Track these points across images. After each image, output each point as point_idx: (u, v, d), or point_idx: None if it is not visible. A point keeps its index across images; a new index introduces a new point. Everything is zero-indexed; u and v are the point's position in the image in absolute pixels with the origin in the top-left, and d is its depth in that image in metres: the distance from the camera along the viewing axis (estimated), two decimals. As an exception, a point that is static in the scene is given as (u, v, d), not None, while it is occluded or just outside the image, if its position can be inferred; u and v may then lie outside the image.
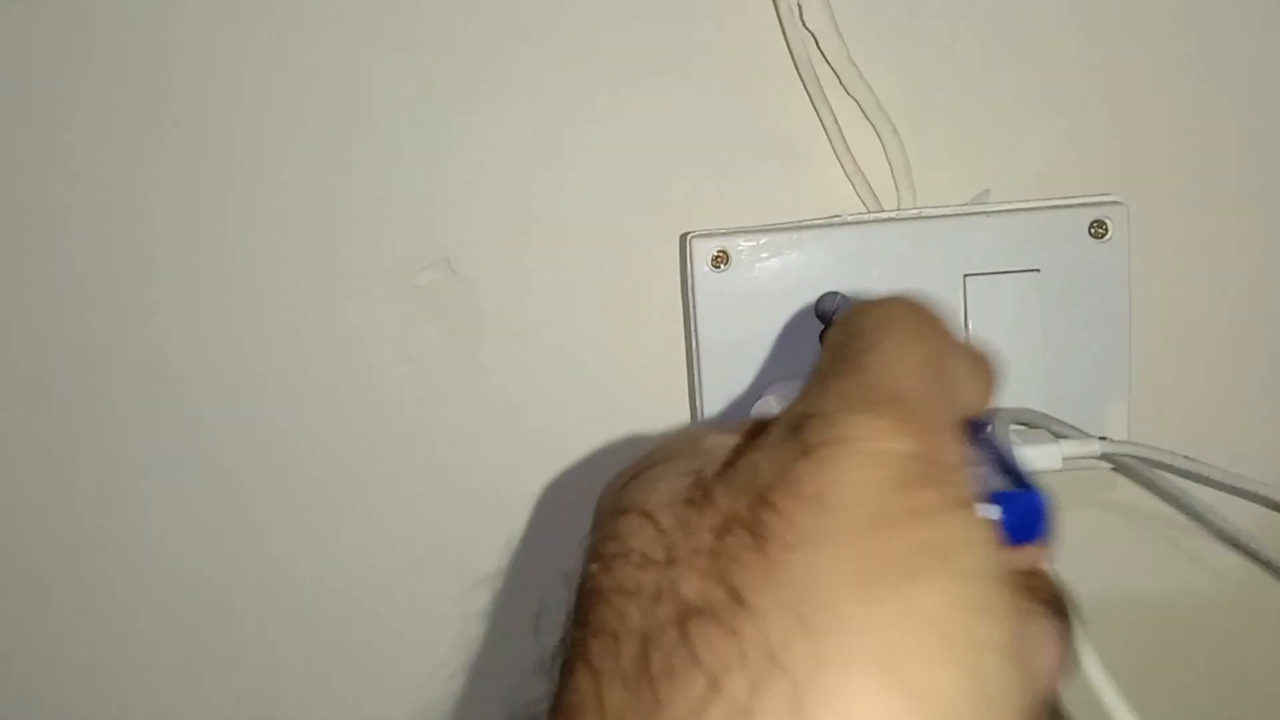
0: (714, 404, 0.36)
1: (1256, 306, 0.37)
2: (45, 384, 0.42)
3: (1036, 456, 0.29)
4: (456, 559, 0.42)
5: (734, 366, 0.36)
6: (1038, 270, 0.34)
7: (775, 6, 0.36)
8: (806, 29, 0.36)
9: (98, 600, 0.44)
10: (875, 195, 0.37)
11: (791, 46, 0.36)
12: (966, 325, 0.35)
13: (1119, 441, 0.30)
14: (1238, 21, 0.35)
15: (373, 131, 0.39)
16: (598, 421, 0.40)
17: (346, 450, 0.42)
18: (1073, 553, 0.35)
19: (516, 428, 0.41)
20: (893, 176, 0.37)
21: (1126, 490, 0.37)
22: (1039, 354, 0.34)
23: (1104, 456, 0.30)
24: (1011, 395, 0.34)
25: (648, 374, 0.39)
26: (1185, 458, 0.31)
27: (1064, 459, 0.29)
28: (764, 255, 0.35)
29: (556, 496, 0.41)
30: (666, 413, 0.39)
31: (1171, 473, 0.31)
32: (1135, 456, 0.30)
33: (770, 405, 0.32)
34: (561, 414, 0.40)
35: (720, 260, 0.36)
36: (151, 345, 0.41)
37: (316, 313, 0.41)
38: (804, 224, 0.36)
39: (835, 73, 0.36)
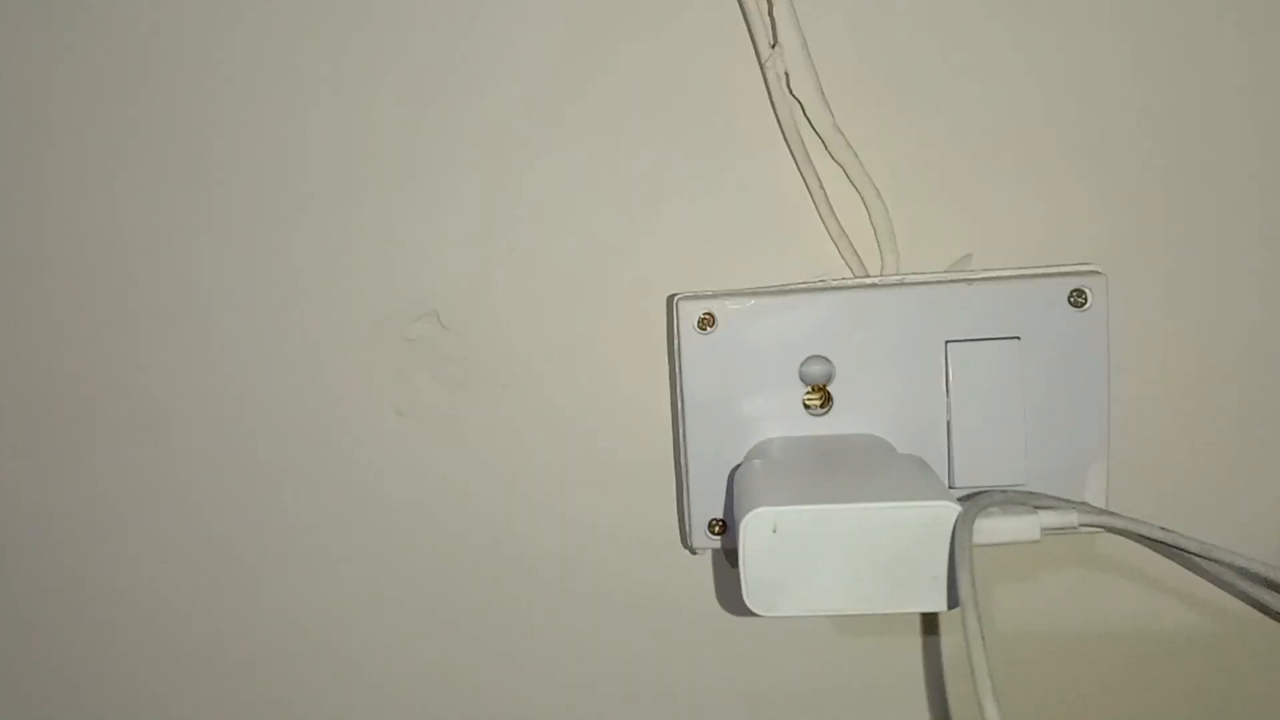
0: (699, 464, 0.37)
1: (1233, 374, 0.37)
2: (32, 432, 0.42)
3: (1015, 528, 0.29)
4: (446, 610, 0.42)
5: (719, 427, 0.36)
6: (1018, 338, 0.35)
7: (763, 74, 0.37)
8: (793, 96, 0.37)
9: (85, 647, 0.44)
10: (860, 259, 0.38)
11: (778, 113, 0.37)
12: (948, 392, 0.35)
13: (1095, 511, 0.31)
14: (1219, 91, 0.36)
15: (364, 185, 0.40)
16: (585, 476, 0.41)
17: (339, 502, 0.42)
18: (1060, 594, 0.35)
19: (505, 480, 0.41)
20: (877, 240, 0.38)
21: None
22: (1020, 419, 0.35)
23: (1082, 526, 0.31)
24: (993, 461, 0.35)
25: (635, 431, 0.40)
26: (1161, 528, 0.31)
27: (1042, 529, 0.30)
28: (750, 318, 0.36)
29: (544, 550, 0.41)
30: (653, 470, 0.40)
31: (1145, 543, 0.31)
32: (1111, 527, 0.31)
33: (754, 470, 0.32)
34: (550, 468, 0.41)
35: (707, 322, 0.36)
36: (143, 395, 0.42)
37: (307, 365, 0.41)
38: (789, 288, 0.36)
39: (821, 139, 0.37)
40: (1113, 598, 0.39)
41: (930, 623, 0.40)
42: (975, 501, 0.30)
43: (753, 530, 0.28)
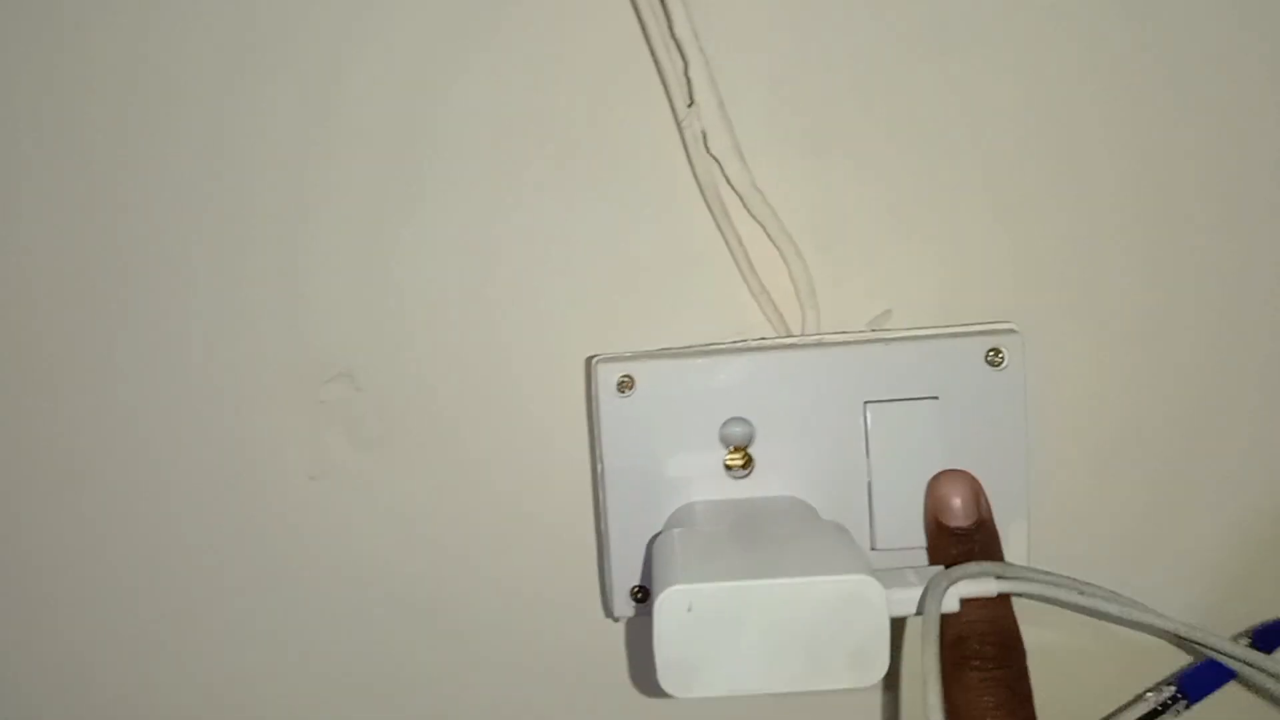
0: (620, 530, 0.36)
1: (1151, 431, 0.38)
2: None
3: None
4: (361, 676, 0.41)
5: (640, 491, 0.36)
6: (936, 397, 0.35)
7: (681, 133, 0.36)
8: (711, 155, 0.36)
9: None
10: (781, 315, 0.38)
11: (697, 171, 0.37)
12: (868, 452, 0.35)
13: (1013, 579, 0.30)
14: (1136, 149, 0.37)
15: (272, 246, 0.38)
16: (505, 540, 0.40)
17: (251, 568, 0.40)
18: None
19: (423, 544, 0.40)
20: (797, 297, 0.38)
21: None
22: (940, 480, 0.35)
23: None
24: (915, 521, 0.35)
25: (556, 493, 0.39)
26: (1079, 592, 0.31)
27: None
28: (669, 380, 0.35)
29: (464, 616, 0.40)
30: (573, 532, 0.39)
31: (1065, 606, 0.31)
32: (1029, 594, 0.31)
33: (672, 541, 0.31)
34: (469, 532, 0.40)
35: (625, 385, 0.35)
36: (55, 452, 0.40)
37: (217, 429, 0.40)
38: (708, 349, 0.36)
39: (740, 197, 0.37)
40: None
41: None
42: (941, 576, 0.29)
43: (667, 609, 0.28)
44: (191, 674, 0.41)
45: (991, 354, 0.35)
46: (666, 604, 0.28)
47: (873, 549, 0.35)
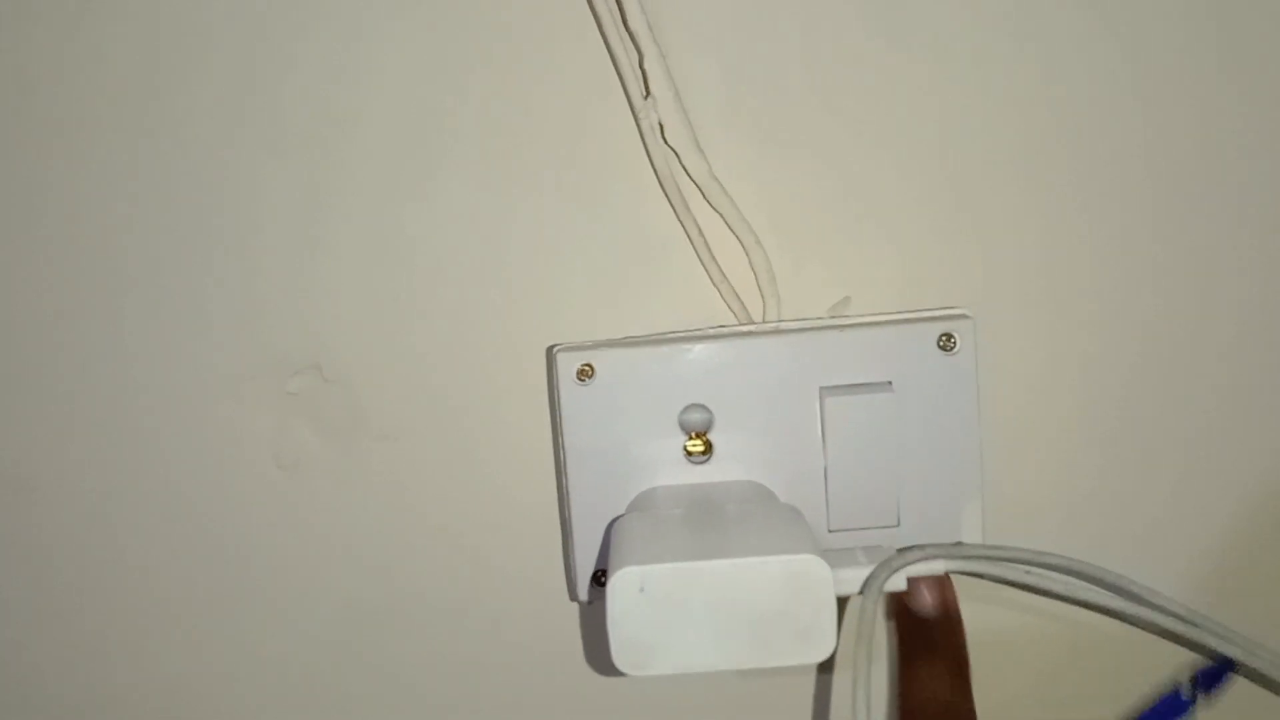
0: (583, 516, 0.37)
1: (1102, 410, 0.39)
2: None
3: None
4: (330, 666, 0.42)
5: (602, 478, 0.36)
6: (890, 382, 0.35)
7: (638, 124, 0.37)
8: (668, 146, 0.37)
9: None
10: (742, 303, 0.38)
11: (654, 162, 0.37)
12: (824, 438, 0.36)
13: (962, 559, 0.31)
14: (1087, 135, 0.37)
15: (239, 234, 0.39)
16: (473, 527, 0.40)
17: (218, 559, 0.41)
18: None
19: (391, 533, 0.40)
20: (758, 285, 0.38)
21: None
22: (894, 464, 0.35)
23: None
24: (867, 504, 0.36)
25: (522, 481, 0.40)
26: (1025, 571, 0.32)
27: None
28: (628, 368, 0.36)
29: (433, 603, 0.41)
30: (537, 520, 0.40)
31: (1013, 585, 0.32)
32: (977, 573, 0.31)
33: (627, 525, 0.32)
34: (434, 519, 0.40)
35: (585, 374, 0.36)
36: (12, 453, 0.40)
37: (185, 419, 0.40)
38: (666, 337, 0.36)
39: (698, 186, 0.38)
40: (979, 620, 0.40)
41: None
42: (888, 561, 0.30)
43: (619, 590, 0.28)
44: (161, 665, 0.42)
45: (944, 339, 0.36)
46: (619, 584, 0.28)
47: (829, 531, 0.36)
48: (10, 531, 0.41)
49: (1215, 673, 0.34)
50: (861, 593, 0.29)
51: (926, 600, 0.32)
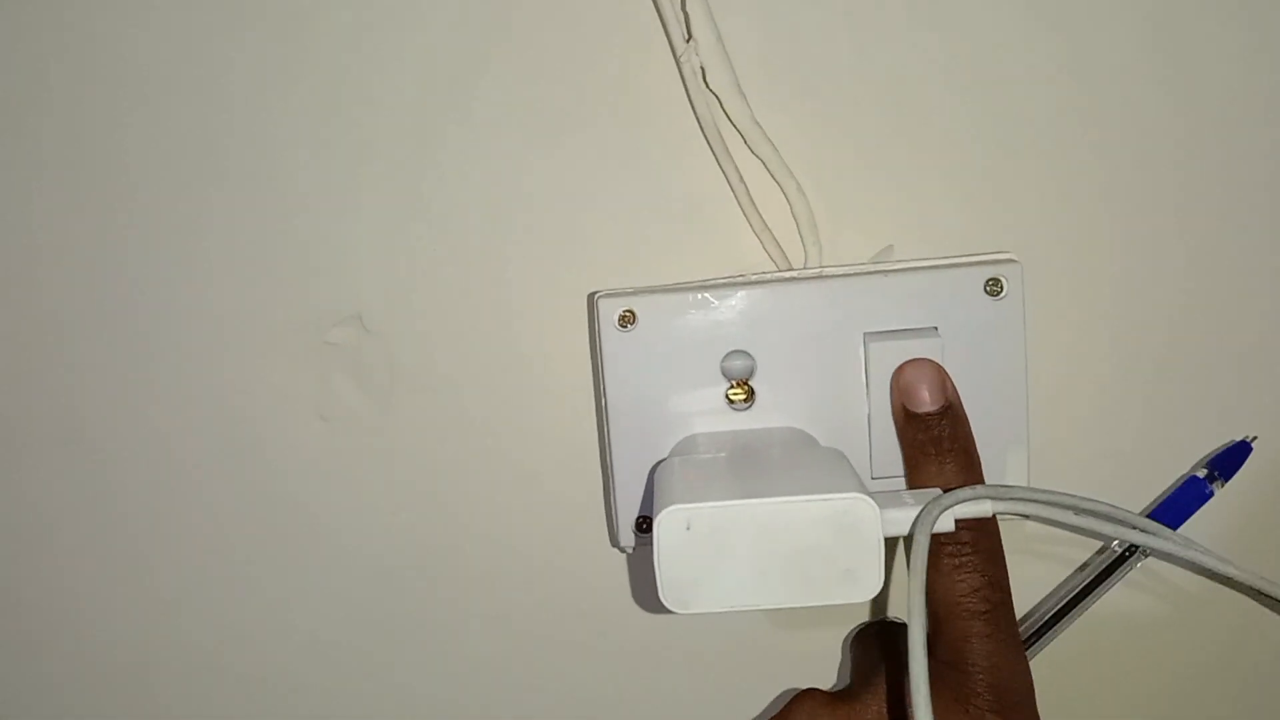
0: (624, 463, 0.37)
1: (1149, 360, 0.38)
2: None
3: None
4: (373, 614, 0.42)
5: (644, 425, 0.36)
6: (935, 328, 0.35)
7: (679, 68, 0.37)
8: (710, 90, 0.37)
9: (11, 667, 0.43)
10: (783, 251, 0.38)
11: (696, 107, 0.37)
12: (867, 383, 0.35)
13: (1010, 499, 0.31)
14: (1137, 80, 0.36)
15: (282, 190, 0.39)
16: (514, 477, 0.40)
17: (262, 509, 0.41)
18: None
19: (433, 483, 0.41)
20: (799, 233, 0.38)
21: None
22: (939, 410, 0.35)
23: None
24: (913, 450, 0.35)
25: (563, 430, 0.40)
26: (1073, 512, 0.31)
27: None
28: (670, 314, 0.36)
29: (474, 553, 0.41)
30: (578, 468, 0.40)
31: (1060, 526, 0.31)
32: (1025, 514, 0.31)
33: (672, 467, 0.32)
34: (474, 469, 0.40)
35: (627, 320, 0.36)
36: (63, 407, 0.41)
37: (228, 370, 0.40)
38: (709, 284, 0.36)
39: (740, 132, 0.37)
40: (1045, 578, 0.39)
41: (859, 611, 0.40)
42: (938, 500, 0.30)
43: (666, 528, 0.28)
44: (203, 618, 0.42)
45: (991, 284, 0.35)
46: (666, 523, 0.28)
47: (872, 479, 0.36)
48: (65, 487, 0.41)
49: (1232, 457, 0.37)
50: (911, 532, 0.29)
51: (925, 396, 0.33)
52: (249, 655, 0.43)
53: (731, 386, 0.36)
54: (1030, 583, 0.39)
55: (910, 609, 0.27)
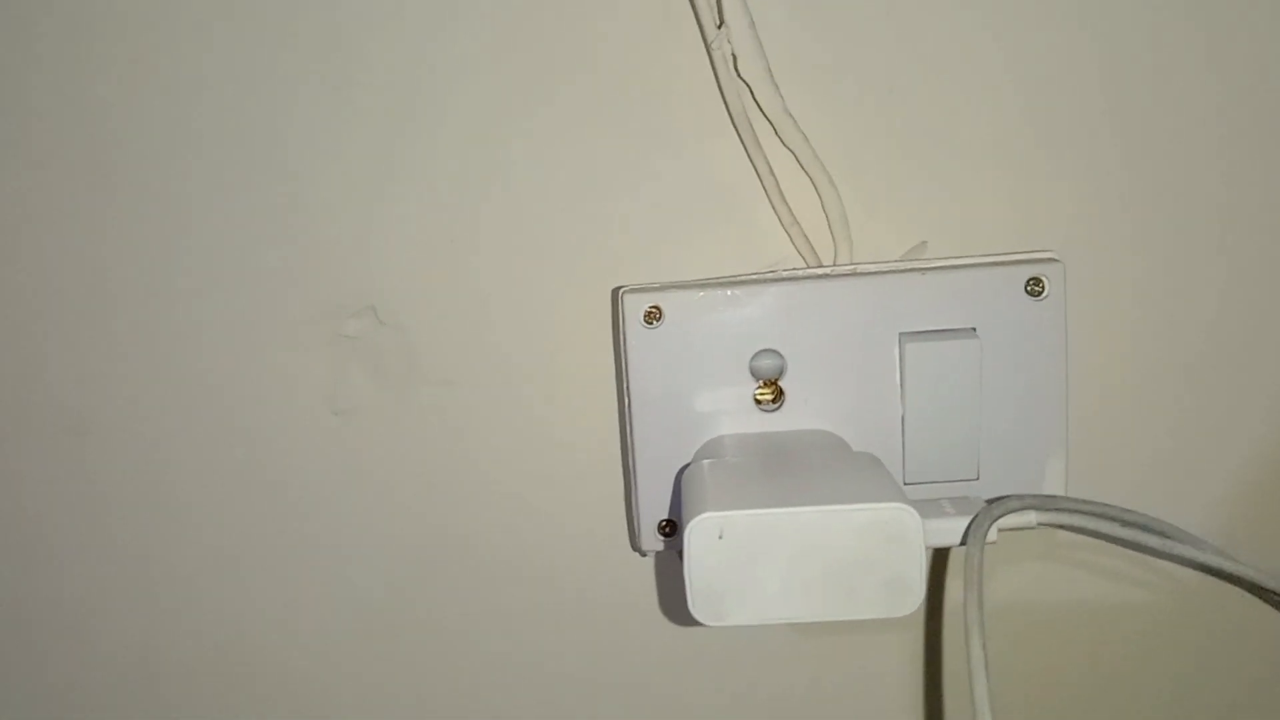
0: (648, 464, 0.35)
1: (1191, 364, 0.37)
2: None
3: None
4: (388, 612, 0.41)
5: (668, 425, 0.35)
6: (974, 328, 0.34)
7: (710, 56, 0.35)
8: (741, 79, 0.35)
9: (15, 662, 0.42)
10: (813, 247, 0.37)
11: (726, 97, 0.36)
12: (902, 385, 0.34)
13: (1053, 510, 0.30)
14: (1181, 80, 0.35)
15: (297, 179, 0.38)
16: (531, 475, 0.39)
17: (274, 503, 0.40)
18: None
19: (445, 479, 0.40)
20: (830, 228, 0.37)
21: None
22: (975, 413, 0.34)
23: (1040, 525, 0.30)
24: (946, 456, 0.34)
25: (583, 429, 0.38)
26: (1120, 524, 0.30)
27: (999, 530, 0.29)
28: (698, 311, 0.35)
29: (489, 551, 0.40)
30: (598, 468, 0.38)
31: (1105, 539, 0.30)
32: (1070, 526, 0.30)
33: (702, 471, 0.31)
34: (494, 467, 0.39)
35: (653, 316, 0.35)
36: (64, 399, 0.40)
37: (242, 363, 0.39)
38: (738, 280, 0.35)
39: (771, 123, 0.36)
40: (1074, 583, 0.38)
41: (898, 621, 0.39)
42: (987, 510, 0.28)
43: (698, 537, 0.27)
44: (213, 611, 0.41)
45: (1032, 284, 0.34)
46: (698, 531, 0.27)
47: (905, 483, 0.34)
48: (69, 475, 0.40)
49: None
50: (964, 543, 0.28)
51: None
52: (259, 651, 0.42)
53: (760, 387, 0.35)
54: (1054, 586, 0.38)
55: (967, 623, 0.26)
